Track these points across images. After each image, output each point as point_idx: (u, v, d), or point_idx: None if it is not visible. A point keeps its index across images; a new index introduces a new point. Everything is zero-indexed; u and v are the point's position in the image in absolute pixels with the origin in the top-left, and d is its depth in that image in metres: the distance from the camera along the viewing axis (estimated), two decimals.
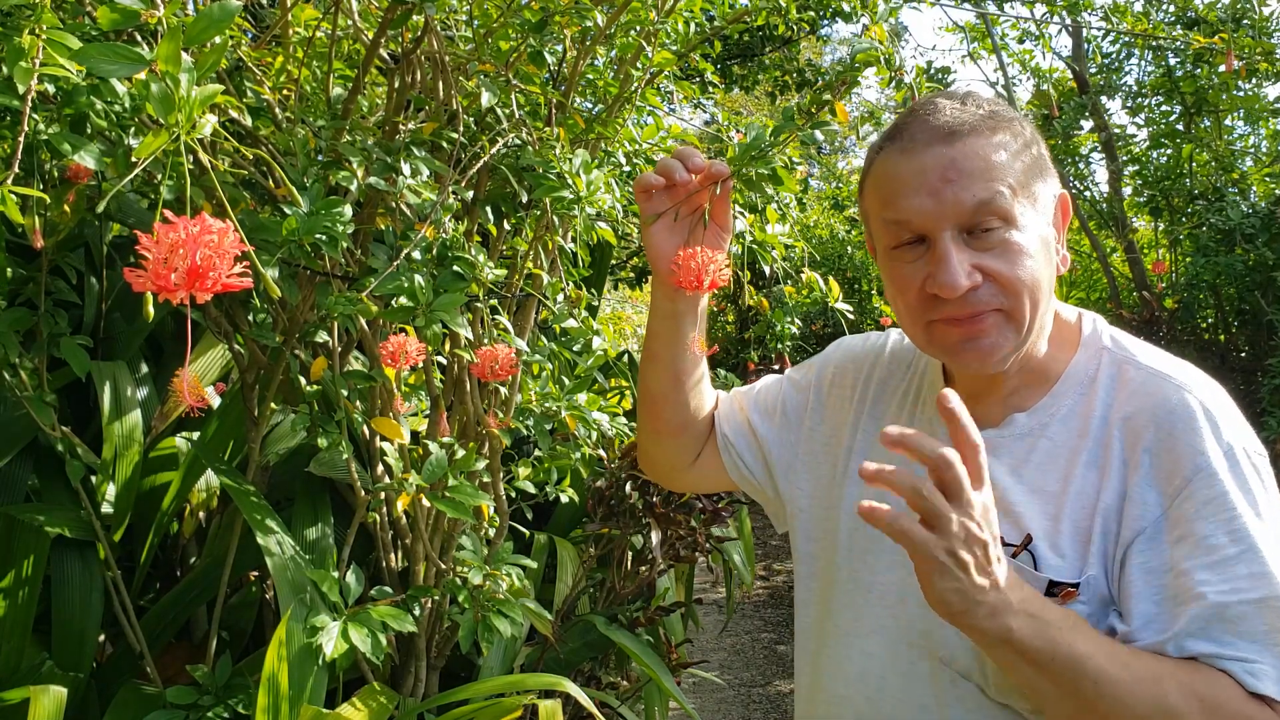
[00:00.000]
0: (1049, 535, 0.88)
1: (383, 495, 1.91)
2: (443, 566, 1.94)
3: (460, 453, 1.76)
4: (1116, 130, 4.92)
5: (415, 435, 1.97)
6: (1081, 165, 5.10)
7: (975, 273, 0.87)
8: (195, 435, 2.12)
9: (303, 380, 1.78)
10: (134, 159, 0.74)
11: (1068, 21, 4.35)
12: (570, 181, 1.57)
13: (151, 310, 0.71)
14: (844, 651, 1.01)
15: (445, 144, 1.67)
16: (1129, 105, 4.92)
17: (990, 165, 0.87)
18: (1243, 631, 0.79)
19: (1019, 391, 0.94)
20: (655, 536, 2.38)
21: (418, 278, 1.43)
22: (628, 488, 2.39)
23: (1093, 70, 4.93)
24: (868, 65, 1.17)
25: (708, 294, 1.01)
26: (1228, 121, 4.63)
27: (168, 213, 0.65)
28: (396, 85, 1.76)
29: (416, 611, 1.82)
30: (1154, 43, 4.22)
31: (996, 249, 0.87)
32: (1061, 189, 0.95)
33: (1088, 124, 4.92)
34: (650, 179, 1.00)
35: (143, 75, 0.75)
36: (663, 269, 1.01)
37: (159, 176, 1.39)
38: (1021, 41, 4.97)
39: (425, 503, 1.78)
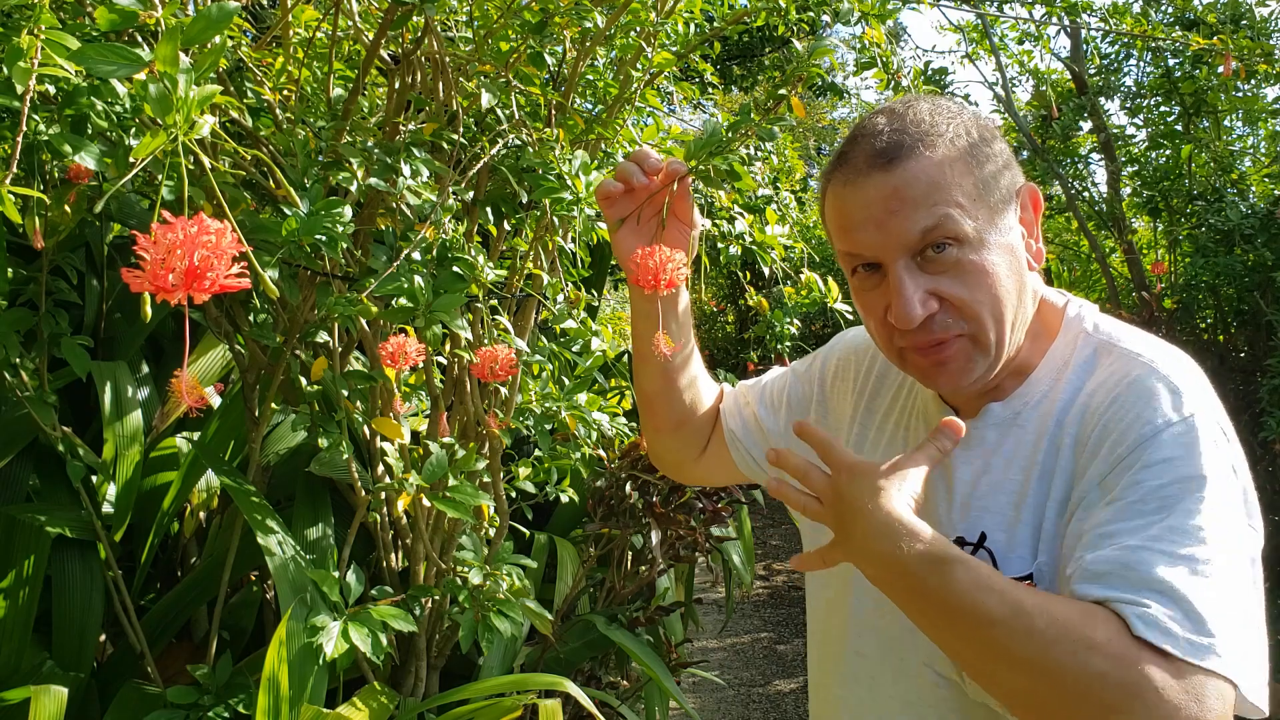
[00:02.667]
0: (1009, 527, 0.87)
1: (383, 495, 1.91)
2: (443, 566, 1.95)
3: (460, 453, 1.76)
4: (1115, 131, 4.91)
5: (415, 435, 1.97)
6: (1080, 166, 5.09)
7: (931, 299, 0.86)
8: (196, 435, 2.13)
9: (303, 380, 1.79)
10: (132, 159, 0.74)
11: (1066, 23, 4.35)
12: (570, 182, 1.57)
13: (149, 311, 0.71)
14: (839, 651, 1.02)
15: (445, 145, 1.67)
16: (1128, 106, 4.91)
17: (934, 187, 0.85)
18: (1149, 579, 0.73)
19: (1000, 385, 0.94)
20: (655, 536, 2.38)
21: (417, 278, 1.43)
22: (627, 488, 2.39)
23: (1091, 71, 4.93)
24: (863, 66, 1.17)
25: (673, 290, 1.01)
26: (1227, 122, 4.63)
27: (165, 213, 0.65)
28: (397, 86, 1.77)
29: (417, 611, 1.82)
30: (1153, 44, 4.23)
31: (951, 271, 0.85)
32: (1025, 181, 0.91)
33: (1086, 125, 4.92)
34: (610, 186, 1.01)
35: (142, 76, 0.75)
36: (629, 271, 1.01)
37: (160, 177, 1.40)
38: (1020, 43, 4.96)
39: (425, 503, 1.78)
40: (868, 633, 0.99)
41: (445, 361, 1.96)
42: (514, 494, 2.12)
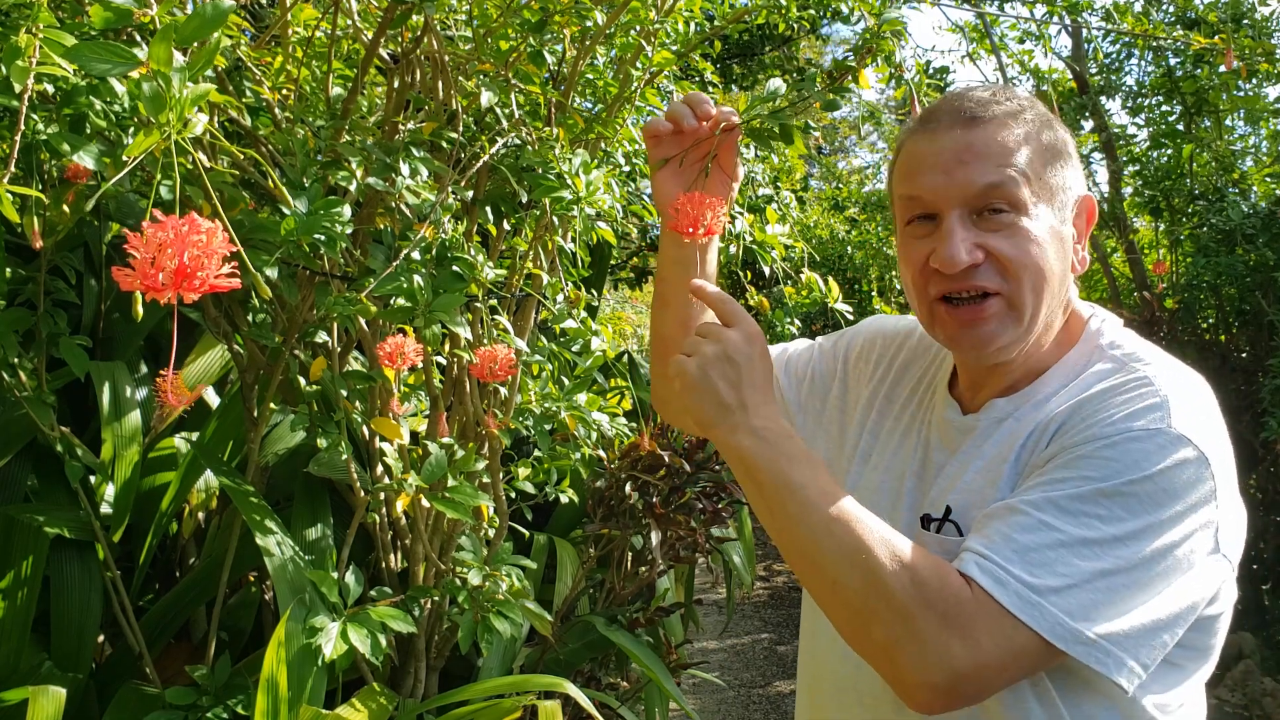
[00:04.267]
0: (984, 504, 0.88)
1: (382, 496, 1.91)
2: (442, 567, 1.94)
3: (460, 453, 1.76)
4: (1117, 130, 4.90)
5: (414, 436, 1.97)
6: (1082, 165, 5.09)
7: (977, 250, 0.88)
8: (194, 436, 2.12)
9: (302, 380, 1.78)
10: (125, 158, 0.74)
11: (1067, 22, 4.35)
12: (570, 182, 1.57)
13: (140, 310, 0.70)
14: (832, 629, 1.01)
15: (445, 144, 1.67)
16: (1129, 105, 4.90)
17: (1005, 151, 0.88)
18: (1010, 535, 0.78)
19: (1014, 384, 0.95)
20: (655, 537, 2.38)
21: (416, 278, 1.43)
22: (627, 488, 2.38)
23: (1093, 71, 4.92)
24: (881, 48, 1.16)
25: (702, 240, 1.02)
26: (1228, 122, 4.62)
27: (156, 212, 0.65)
28: (396, 85, 1.76)
29: (416, 612, 1.82)
30: (1154, 43, 4.22)
31: (1002, 231, 0.88)
32: (1087, 193, 0.95)
33: (1088, 124, 4.91)
34: (659, 124, 1.01)
35: (137, 74, 0.75)
36: (667, 215, 1.02)
37: (157, 176, 1.39)
38: (1021, 42, 4.95)
39: (425, 503, 1.77)
40: None
41: (444, 361, 1.95)
42: (514, 494, 2.12)
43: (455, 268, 1.53)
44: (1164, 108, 4.69)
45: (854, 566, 0.78)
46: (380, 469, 1.89)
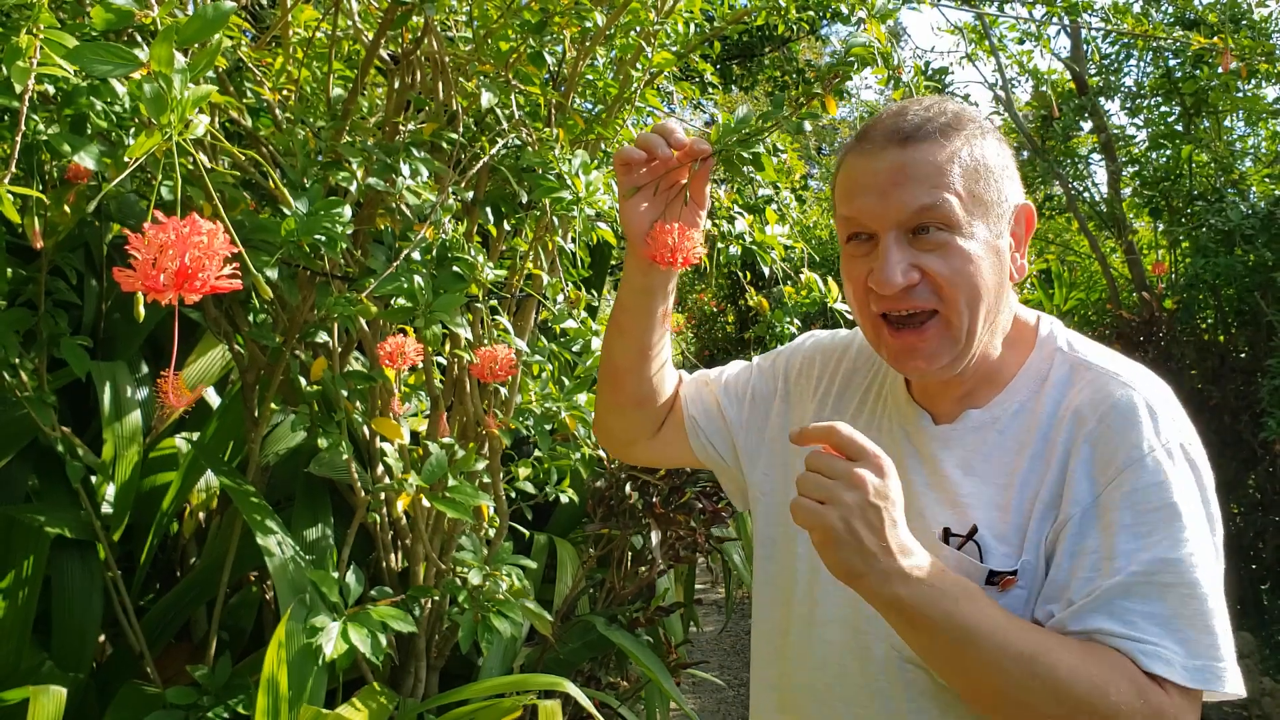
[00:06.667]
0: (993, 525, 0.91)
1: (382, 496, 1.91)
2: (442, 567, 1.94)
3: (460, 453, 1.76)
4: (1116, 131, 4.90)
5: (415, 436, 1.97)
6: (1081, 166, 5.08)
7: (913, 271, 0.90)
8: (195, 435, 2.12)
9: (303, 380, 1.78)
10: (126, 159, 0.74)
11: (1066, 22, 4.35)
12: (570, 182, 1.57)
13: (142, 310, 0.70)
14: (805, 640, 1.03)
15: (445, 145, 1.67)
16: (1128, 106, 4.90)
17: (938, 171, 0.90)
18: (1146, 612, 0.82)
19: (974, 391, 0.97)
20: (655, 537, 2.38)
21: (417, 278, 1.43)
22: (627, 488, 2.39)
23: (1092, 71, 4.92)
24: (862, 64, 1.17)
25: (679, 270, 1.03)
26: (1227, 122, 4.62)
27: (158, 213, 0.65)
28: (396, 86, 1.77)
29: (416, 612, 1.82)
30: (1153, 43, 4.22)
31: (937, 251, 0.90)
32: (1026, 200, 0.97)
33: (1087, 125, 4.91)
34: (631, 153, 1.01)
35: (138, 75, 0.75)
36: (637, 242, 1.02)
37: (158, 177, 1.39)
38: (1021, 43, 4.94)
39: (425, 503, 1.78)
40: (834, 621, 1.00)
41: (445, 362, 1.96)
42: (514, 494, 2.12)
43: (455, 268, 1.54)
44: (1163, 108, 4.69)
45: (1061, 703, 0.80)
46: (381, 469, 1.89)
